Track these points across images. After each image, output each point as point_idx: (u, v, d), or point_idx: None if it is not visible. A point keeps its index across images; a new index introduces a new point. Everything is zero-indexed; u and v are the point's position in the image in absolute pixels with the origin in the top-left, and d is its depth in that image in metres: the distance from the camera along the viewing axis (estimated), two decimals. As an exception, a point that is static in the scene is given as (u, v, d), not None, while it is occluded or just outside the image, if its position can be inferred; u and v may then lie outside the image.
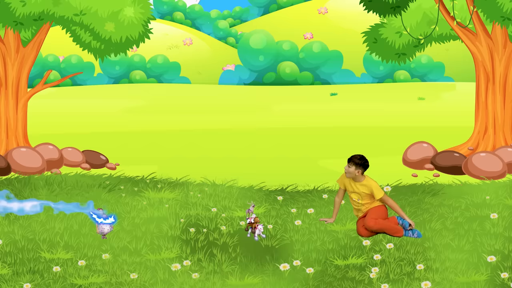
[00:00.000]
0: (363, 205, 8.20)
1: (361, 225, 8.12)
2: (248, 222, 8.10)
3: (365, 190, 8.15)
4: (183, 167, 12.17)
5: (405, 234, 8.05)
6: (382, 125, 19.22)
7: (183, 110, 22.62)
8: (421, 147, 12.86)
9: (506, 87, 12.50)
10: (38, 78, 29.15)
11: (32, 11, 11.94)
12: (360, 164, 8.15)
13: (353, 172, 8.16)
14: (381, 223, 8.02)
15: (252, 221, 8.09)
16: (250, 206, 8.30)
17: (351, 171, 8.16)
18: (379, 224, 8.00)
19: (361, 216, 8.22)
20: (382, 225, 8.01)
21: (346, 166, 8.20)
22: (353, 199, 8.27)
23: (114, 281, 6.85)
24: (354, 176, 8.18)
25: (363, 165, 8.17)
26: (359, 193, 8.18)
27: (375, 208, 8.15)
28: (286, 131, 18.59)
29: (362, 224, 8.12)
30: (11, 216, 8.91)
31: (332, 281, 6.79)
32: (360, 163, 8.16)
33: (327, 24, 34.01)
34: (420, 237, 8.01)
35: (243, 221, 8.50)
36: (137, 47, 12.73)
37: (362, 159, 8.18)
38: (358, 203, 8.23)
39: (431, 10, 13.22)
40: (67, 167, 12.72)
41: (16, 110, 12.82)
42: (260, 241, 7.96)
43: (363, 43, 13.96)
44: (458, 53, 25.73)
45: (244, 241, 7.88)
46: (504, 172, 11.66)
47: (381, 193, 8.14)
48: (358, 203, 8.23)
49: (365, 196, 8.17)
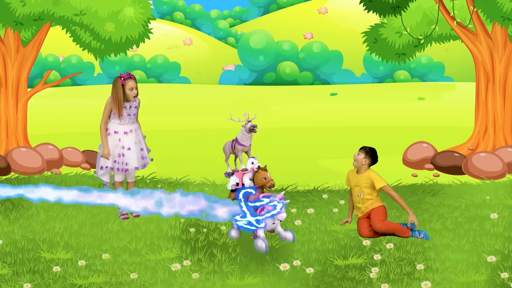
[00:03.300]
0: (364, 201, 8.16)
1: (363, 226, 8.10)
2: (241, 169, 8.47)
3: (366, 181, 8.14)
4: (183, 167, 12.17)
5: (412, 235, 8.03)
6: (382, 125, 19.21)
7: (183, 110, 22.62)
8: (421, 147, 12.86)
9: (506, 87, 12.51)
10: (38, 78, 29.12)
11: (32, 11, 11.94)
12: (369, 155, 8.22)
13: (361, 160, 8.20)
14: (389, 224, 8.04)
15: (255, 166, 8.34)
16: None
17: (359, 158, 8.21)
18: (387, 225, 8.01)
19: (361, 217, 8.20)
20: (391, 226, 8.03)
21: (356, 153, 8.26)
22: (355, 194, 8.23)
23: (114, 281, 6.85)
24: (360, 166, 8.21)
25: (372, 157, 8.23)
26: (360, 186, 8.16)
27: (377, 209, 8.12)
28: (286, 131, 18.58)
29: (364, 225, 8.11)
30: (11, 216, 8.92)
31: (332, 281, 6.80)
32: (370, 154, 8.23)
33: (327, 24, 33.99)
34: (428, 238, 7.97)
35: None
36: (137, 47, 12.73)
37: (373, 151, 8.26)
38: (359, 198, 8.18)
39: (431, 10, 13.22)
40: (67, 167, 12.72)
41: (16, 110, 12.82)
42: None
43: (363, 43, 13.96)
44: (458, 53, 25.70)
45: (244, 241, 7.88)
46: (504, 172, 11.66)
47: (382, 183, 8.11)
48: (359, 198, 8.18)
49: (366, 188, 8.13)
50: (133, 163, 9.01)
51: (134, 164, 9.01)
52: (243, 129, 9.34)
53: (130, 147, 8.97)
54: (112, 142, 8.94)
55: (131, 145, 8.98)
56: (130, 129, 9.00)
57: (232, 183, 8.62)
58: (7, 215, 8.94)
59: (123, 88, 8.88)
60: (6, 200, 9.30)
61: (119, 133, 8.94)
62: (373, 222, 8.03)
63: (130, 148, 8.97)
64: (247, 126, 9.29)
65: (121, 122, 8.95)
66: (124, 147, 8.95)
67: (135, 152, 9.01)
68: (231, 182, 8.66)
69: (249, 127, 9.27)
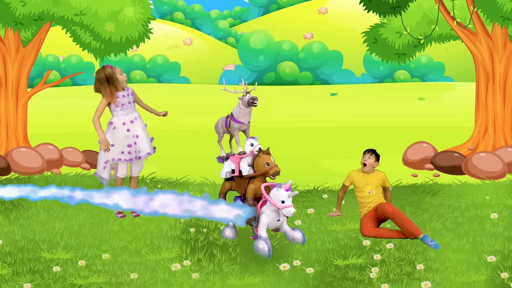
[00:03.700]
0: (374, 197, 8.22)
1: (366, 225, 8.08)
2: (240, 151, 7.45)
3: (379, 181, 8.23)
4: (183, 167, 12.16)
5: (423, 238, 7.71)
6: (382, 125, 19.21)
7: (183, 110, 22.61)
8: (421, 147, 12.85)
9: (506, 87, 12.50)
10: (38, 78, 29.12)
11: (32, 11, 11.94)
12: (378, 156, 8.20)
13: (373, 163, 8.20)
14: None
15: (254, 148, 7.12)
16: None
17: (371, 162, 8.18)
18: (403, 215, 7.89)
19: (366, 213, 8.16)
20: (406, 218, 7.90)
21: (366, 157, 8.19)
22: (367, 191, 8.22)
23: (114, 281, 6.85)
24: (371, 169, 8.22)
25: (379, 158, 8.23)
26: (372, 184, 8.22)
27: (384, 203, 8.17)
28: (286, 131, 18.57)
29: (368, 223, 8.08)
30: (11, 216, 8.91)
31: (332, 281, 6.79)
32: (378, 155, 8.19)
33: (327, 24, 33.98)
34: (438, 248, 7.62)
35: None
36: (137, 47, 12.73)
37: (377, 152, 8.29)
38: (369, 196, 8.20)
39: (431, 10, 13.21)
40: (67, 167, 12.71)
41: (16, 110, 12.81)
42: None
43: (363, 43, 13.95)
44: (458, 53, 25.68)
45: (244, 241, 7.87)
46: (504, 172, 11.66)
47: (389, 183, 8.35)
48: (370, 196, 8.20)
49: (378, 187, 8.24)
50: (145, 149, 9.01)
51: (146, 149, 9.02)
52: (240, 103, 7.71)
53: (138, 134, 8.99)
54: (121, 133, 8.91)
55: (139, 132, 9.00)
56: (135, 116, 9.02)
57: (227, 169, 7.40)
58: (7, 215, 8.93)
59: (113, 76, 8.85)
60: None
61: (126, 124, 8.93)
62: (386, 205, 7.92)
63: (138, 136, 8.98)
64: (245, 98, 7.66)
65: (124, 112, 8.93)
66: (134, 135, 8.96)
67: (145, 137, 9.03)
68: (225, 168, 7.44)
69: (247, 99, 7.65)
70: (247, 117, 7.77)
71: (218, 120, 8.00)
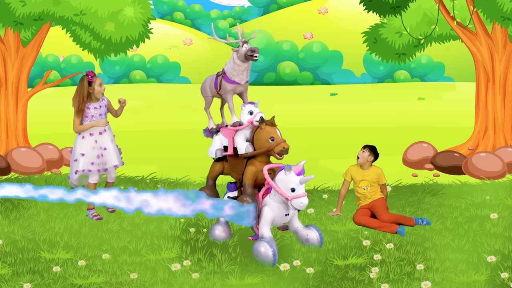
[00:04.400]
0: (369, 192, 8.63)
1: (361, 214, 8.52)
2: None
3: (373, 176, 8.63)
4: (183, 167, 12.15)
5: (416, 222, 8.42)
6: (382, 125, 19.19)
7: (183, 110, 22.59)
8: (421, 147, 12.86)
9: (506, 87, 12.50)
10: (38, 78, 29.12)
11: (32, 11, 11.94)
12: (374, 152, 8.64)
13: (366, 157, 8.61)
14: (395, 215, 8.50)
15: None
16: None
17: (365, 155, 8.61)
18: (394, 216, 8.43)
19: (363, 205, 8.62)
20: (396, 216, 8.46)
21: (360, 151, 8.65)
22: (362, 187, 8.63)
23: (114, 281, 6.85)
24: (365, 162, 8.62)
25: (375, 154, 8.68)
26: (368, 180, 8.62)
27: (379, 201, 8.59)
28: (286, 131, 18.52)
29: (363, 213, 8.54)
30: (11, 216, 8.91)
31: (332, 281, 6.79)
32: (374, 151, 8.66)
33: (327, 24, 33.95)
34: (429, 224, 8.36)
35: None
36: (137, 47, 12.74)
37: (375, 149, 8.72)
38: (365, 191, 8.63)
39: (431, 10, 13.21)
40: (67, 167, 12.71)
41: (16, 110, 12.81)
42: None
43: (363, 43, 13.95)
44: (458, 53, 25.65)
45: (244, 241, 7.87)
46: (504, 172, 11.66)
47: (385, 180, 8.74)
48: (365, 191, 8.62)
49: (373, 183, 8.63)
50: (112, 161, 9.06)
51: (113, 162, 9.07)
52: (234, 56, 5.96)
53: (106, 146, 9.02)
54: (89, 144, 8.96)
55: (108, 144, 9.04)
56: (104, 128, 9.04)
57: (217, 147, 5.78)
58: (7, 215, 8.93)
59: (91, 86, 8.89)
60: (6, 200, 9.30)
61: (94, 134, 8.98)
62: (379, 214, 8.45)
63: (106, 148, 9.01)
64: (242, 49, 5.93)
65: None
66: (102, 147, 8.99)
67: (113, 150, 9.07)
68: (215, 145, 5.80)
69: (244, 51, 5.93)
70: (244, 76, 6.07)
71: (206, 80, 6.35)
